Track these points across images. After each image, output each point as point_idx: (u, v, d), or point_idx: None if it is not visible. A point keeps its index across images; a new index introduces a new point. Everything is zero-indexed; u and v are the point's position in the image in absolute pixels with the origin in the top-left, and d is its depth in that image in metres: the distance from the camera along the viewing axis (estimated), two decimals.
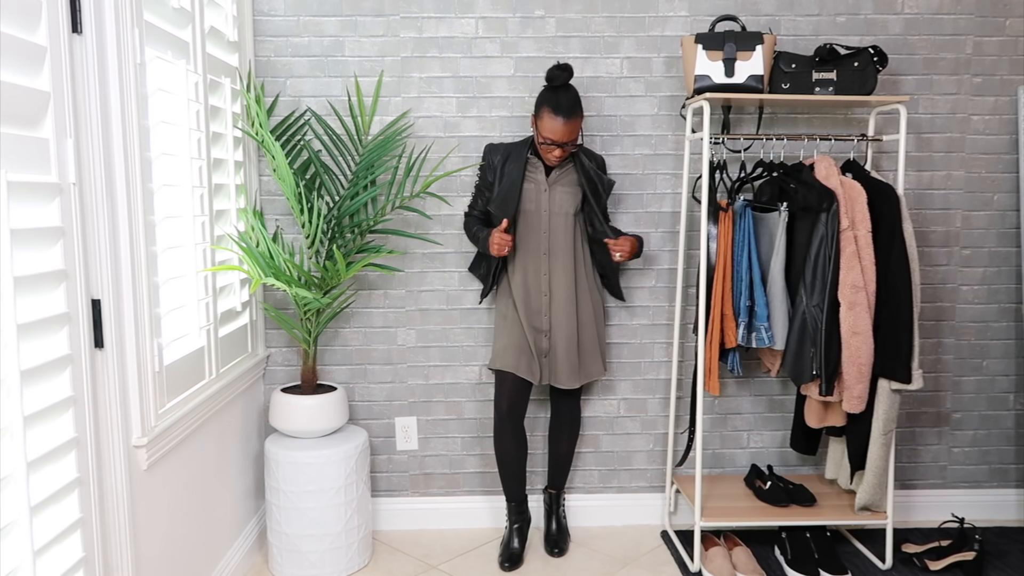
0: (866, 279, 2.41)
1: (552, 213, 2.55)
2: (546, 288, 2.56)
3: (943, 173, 2.85)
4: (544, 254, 2.56)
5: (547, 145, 2.46)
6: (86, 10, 1.57)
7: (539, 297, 2.57)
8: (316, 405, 2.51)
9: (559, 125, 2.41)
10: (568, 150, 2.48)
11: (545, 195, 2.55)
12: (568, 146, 2.46)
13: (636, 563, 2.66)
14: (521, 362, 2.56)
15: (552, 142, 2.44)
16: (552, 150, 2.47)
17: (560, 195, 2.55)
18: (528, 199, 2.55)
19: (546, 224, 2.56)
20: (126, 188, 1.72)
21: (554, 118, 2.41)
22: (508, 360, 2.57)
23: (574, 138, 2.46)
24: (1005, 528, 2.91)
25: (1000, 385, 2.95)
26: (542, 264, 2.56)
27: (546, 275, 2.56)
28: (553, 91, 2.44)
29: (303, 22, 2.71)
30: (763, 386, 2.92)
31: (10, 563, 1.31)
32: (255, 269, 2.30)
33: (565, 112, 2.41)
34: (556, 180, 2.56)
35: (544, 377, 2.59)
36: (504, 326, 2.61)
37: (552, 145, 2.45)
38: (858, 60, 2.51)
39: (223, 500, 2.39)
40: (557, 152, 2.47)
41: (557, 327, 2.56)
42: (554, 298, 2.56)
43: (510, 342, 2.58)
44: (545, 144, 2.46)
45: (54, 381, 1.48)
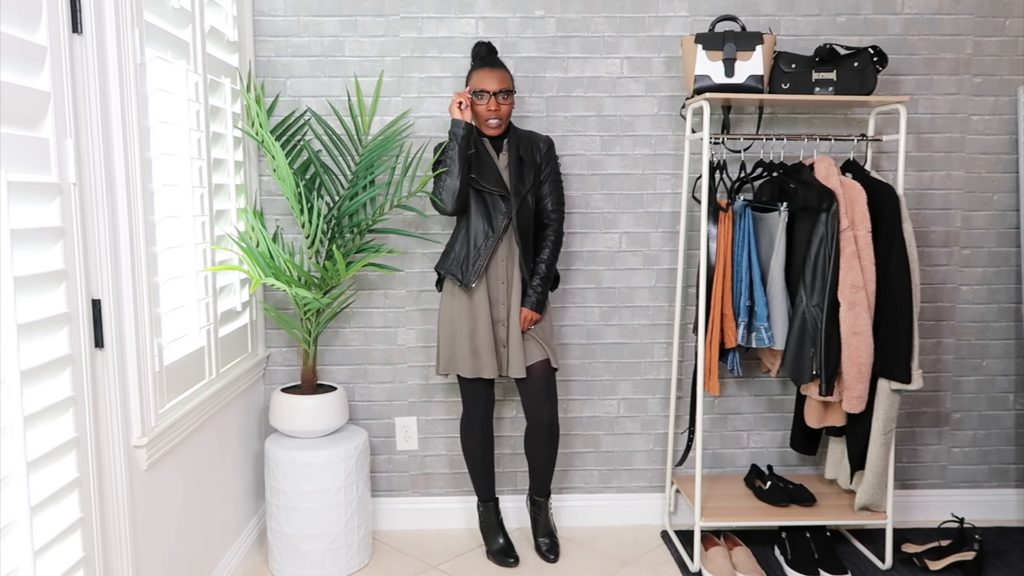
0: (866, 279, 2.41)
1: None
2: (504, 276, 2.53)
3: (943, 173, 2.85)
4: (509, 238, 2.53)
5: (482, 102, 2.42)
6: (86, 10, 1.57)
7: (500, 283, 2.52)
8: (316, 405, 2.51)
9: (486, 72, 2.44)
10: (503, 103, 2.44)
11: (507, 172, 2.50)
12: (502, 95, 2.43)
13: (636, 563, 2.66)
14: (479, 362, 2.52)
15: (483, 91, 2.42)
16: (487, 102, 2.42)
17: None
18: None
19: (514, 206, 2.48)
20: (126, 188, 1.72)
21: (481, 70, 2.45)
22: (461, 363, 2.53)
23: (506, 86, 2.44)
24: (1005, 528, 2.91)
25: (1000, 385, 2.95)
26: (501, 250, 2.51)
27: (504, 262, 2.52)
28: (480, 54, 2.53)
29: (303, 22, 2.71)
30: (763, 386, 2.92)
31: (10, 563, 1.31)
32: (255, 269, 2.30)
33: (488, 59, 2.47)
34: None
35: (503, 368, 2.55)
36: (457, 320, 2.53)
37: (487, 95, 2.42)
38: (858, 60, 2.51)
39: (223, 500, 2.39)
40: (492, 104, 2.42)
41: (513, 316, 2.52)
42: (513, 286, 2.53)
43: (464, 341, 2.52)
44: (480, 102, 2.43)
45: (54, 381, 1.48)
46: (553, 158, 2.58)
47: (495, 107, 2.43)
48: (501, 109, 2.44)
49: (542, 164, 2.54)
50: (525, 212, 2.50)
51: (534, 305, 2.50)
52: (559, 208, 2.57)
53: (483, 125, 2.48)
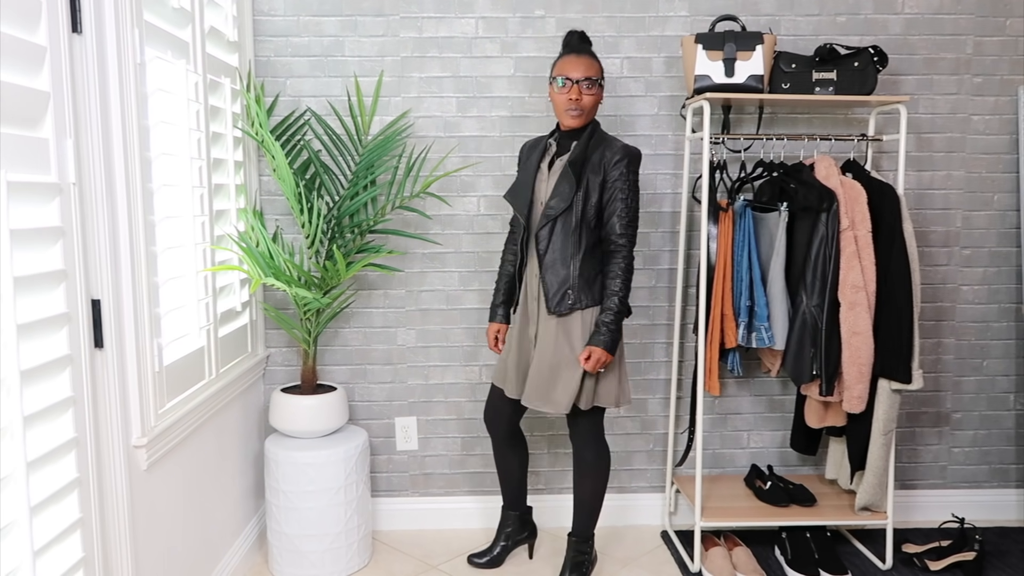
0: (866, 279, 2.41)
1: (544, 206, 2.29)
2: (536, 292, 2.34)
3: (943, 173, 2.85)
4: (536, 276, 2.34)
5: (563, 90, 2.21)
6: (86, 10, 1.57)
7: (532, 301, 2.37)
8: (316, 405, 2.51)
9: (571, 59, 2.23)
10: (586, 93, 2.21)
11: (543, 185, 2.32)
12: (585, 84, 2.20)
13: (636, 563, 2.66)
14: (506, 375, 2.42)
15: (567, 78, 2.21)
16: (569, 91, 2.21)
17: (553, 184, 2.28)
18: (537, 189, 2.33)
19: (537, 219, 2.32)
20: (126, 188, 1.72)
21: (566, 56, 2.25)
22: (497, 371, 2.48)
23: (592, 75, 2.21)
24: (1005, 528, 2.91)
25: (1000, 385, 2.95)
26: (535, 265, 2.33)
27: (537, 277, 2.33)
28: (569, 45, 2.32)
29: (303, 22, 2.71)
30: (763, 386, 2.92)
31: (10, 563, 1.31)
32: (255, 269, 2.30)
33: (575, 47, 2.26)
34: (559, 167, 2.29)
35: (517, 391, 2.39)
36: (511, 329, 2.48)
37: (569, 83, 2.20)
38: (858, 60, 2.51)
39: (223, 500, 2.39)
40: (574, 93, 2.20)
41: (541, 338, 2.31)
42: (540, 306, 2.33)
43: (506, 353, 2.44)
44: (562, 89, 2.21)
45: (54, 381, 1.47)
46: (626, 173, 2.22)
47: (576, 98, 2.20)
48: (583, 99, 2.21)
49: (607, 178, 2.22)
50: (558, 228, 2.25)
51: (606, 345, 2.20)
52: (627, 232, 2.23)
53: (562, 116, 2.26)
